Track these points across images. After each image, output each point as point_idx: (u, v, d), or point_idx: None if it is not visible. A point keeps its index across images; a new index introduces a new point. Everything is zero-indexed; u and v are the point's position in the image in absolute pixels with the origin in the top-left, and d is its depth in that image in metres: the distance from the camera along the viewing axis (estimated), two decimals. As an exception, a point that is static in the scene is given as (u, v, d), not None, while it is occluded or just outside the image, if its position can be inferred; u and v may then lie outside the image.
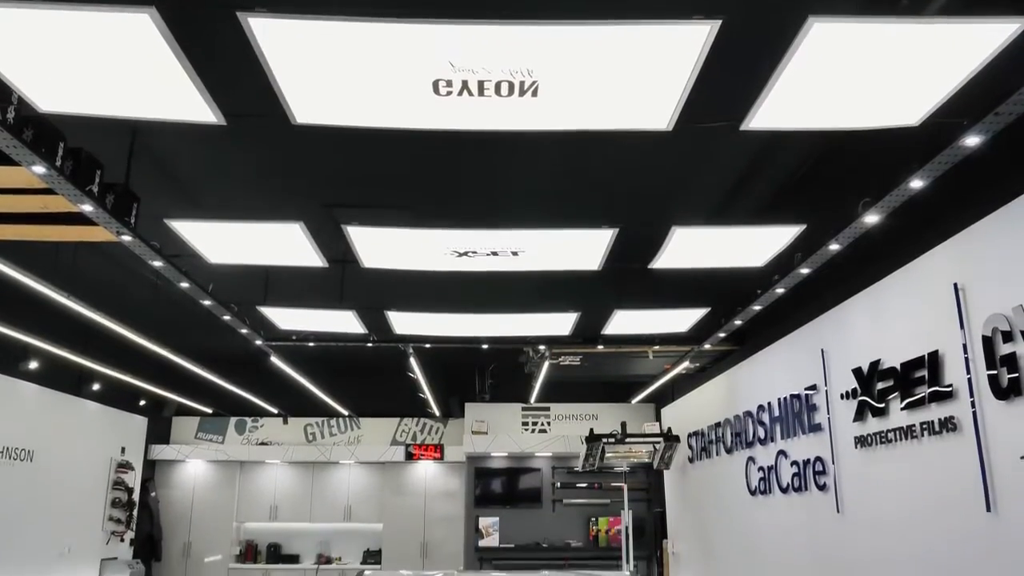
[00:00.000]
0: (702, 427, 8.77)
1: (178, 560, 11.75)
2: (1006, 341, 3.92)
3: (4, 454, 8.09)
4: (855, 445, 5.38)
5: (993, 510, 3.98)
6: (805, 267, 5.14)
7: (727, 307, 6.62)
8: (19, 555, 8.18)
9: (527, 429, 11.82)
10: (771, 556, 6.79)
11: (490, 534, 11.37)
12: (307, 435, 12.59)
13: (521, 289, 6.61)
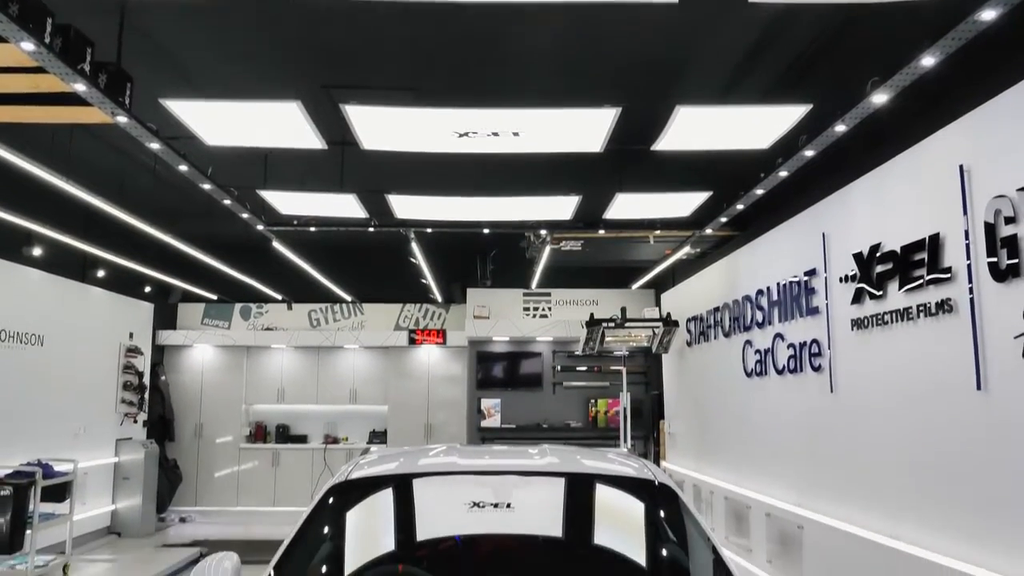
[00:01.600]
0: (701, 312, 8.88)
1: (190, 440, 12.15)
2: (1007, 223, 3.92)
3: (15, 338, 8.23)
4: (851, 328, 5.46)
5: (983, 389, 4.08)
6: (810, 149, 5.08)
7: (729, 191, 6.59)
8: (36, 435, 8.45)
9: (528, 314, 11.98)
10: (765, 435, 7.01)
11: (492, 415, 11.70)
12: (311, 321, 12.78)
13: (522, 172, 6.57)
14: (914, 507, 4.66)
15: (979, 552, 4.03)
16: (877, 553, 4.88)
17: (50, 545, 8.04)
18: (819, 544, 5.74)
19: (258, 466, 12.15)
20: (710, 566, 2.79)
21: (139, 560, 8.72)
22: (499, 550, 2.97)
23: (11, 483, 7.34)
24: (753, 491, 7.09)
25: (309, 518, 2.87)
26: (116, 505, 10.30)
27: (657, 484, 3.07)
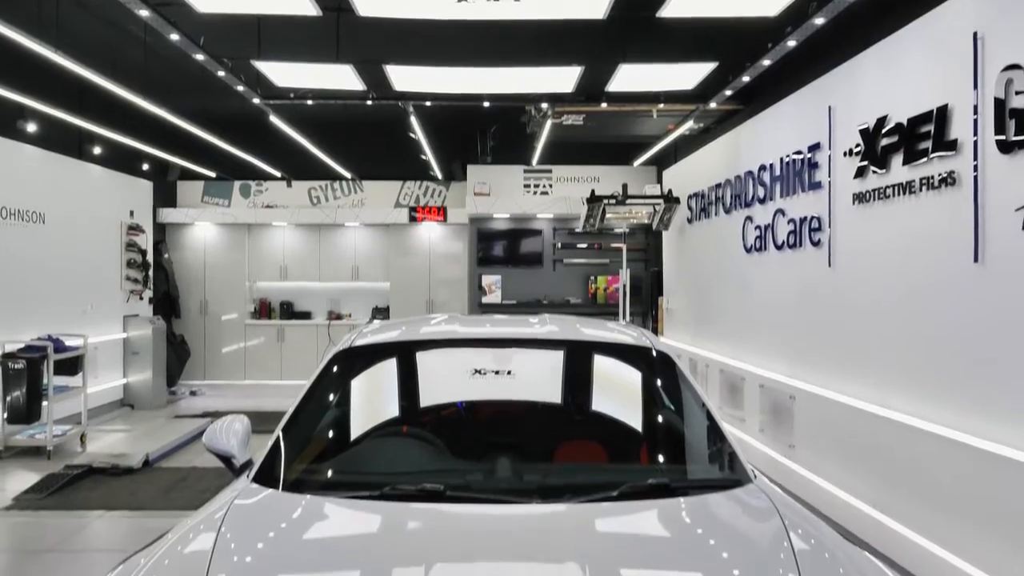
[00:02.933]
0: (702, 188, 8.84)
1: (196, 317, 12.35)
2: (1019, 95, 3.85)
3: (16, 216, 8.23)
4: (853, 202, 5.45)
5: (980, 261, 4.12)
6: (819, 16, 4.93)
7: (735, 62, 6.43)
8: (45, 312, 8.58)
9: (529, 191, 11.94)
10: (761, 309, 7.12)
11: (492, 291, 11.84)
12: (311, 198, 12.75)
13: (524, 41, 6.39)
14: (905, 377, 4.79)
15: (968, 420, 4.18)
16: (866, 421, 5.05)
17: (66, 416, 8.31)
18: (810, 413, 5.94)
19: (264, 342, 12.40)
20: (705, 431, 2.90)
21: (153, 429, 9.03)
22: (500, 416, 3.08)
23: (24, 357, 7.53)
24: (748, 364, 7.26)
25: (314, 384, 2.95)
26: (127, 379, 10.57)
27: (655, 352, 3.14)
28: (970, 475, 4.03)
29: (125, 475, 6.88)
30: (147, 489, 6.48)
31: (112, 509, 5.94)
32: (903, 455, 4.63)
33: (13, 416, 7.49)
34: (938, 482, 4.31)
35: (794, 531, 2.17)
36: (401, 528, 2.22)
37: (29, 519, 5.74)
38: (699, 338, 8.90)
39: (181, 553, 2.09)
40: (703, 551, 2.16)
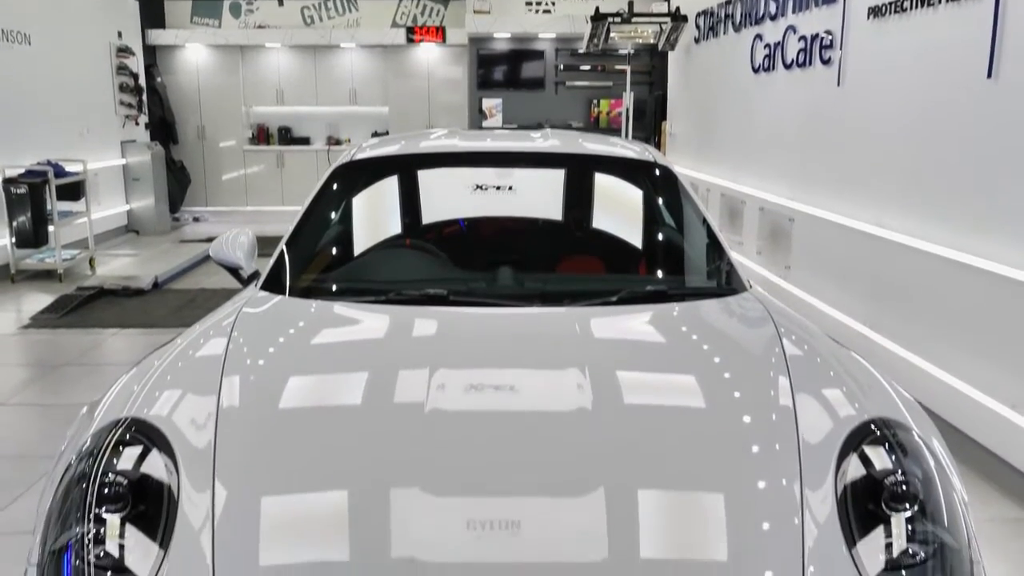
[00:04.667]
0: (711, 5, 8.47)
1: (194, 143, 12.22)
2: None
3: (1, 36, 7.96)
4: (868, 16, 5.24)
5: (993, 77, 4.02)
6: None
7: None
8: (42, 137, 8.47)
9: (531, 9, 11.45)
10: (765, 132, 7.02)
11: (493, 115, 11.63)
12: (304, 18, 12.25)
13: None
14: (909, 198, 4.80)
15: (967, 240, 4.22)
16: (863, 241, 5.11)
17: (73, 241, 8.42)
18: (807, 235, 5.99)
19: (263, 168, 12.33)
20: (704, 244, 2.94)
21: (160, 253, 9.17)
22: (502, 231, 3.11)
23: (26, 182, 7.53)
24: (749, 187, 7.25)
25: (316, 198, 2.97)
26: (130, 205, 10.60)
27: (657, 166, 3.14)
28: (966, 294, 4.13)
29: (136, 296, 7.06)
30: (158, 309, 6.67)
31: (126, 327, 6.14)
32: (898, 275, 4.72)
33: (21, 240, 7.58)
34: (931, 301, 4.42)
35: (787, 337, 2.24)
36: (407, 329, 2.30)
37: (47, 336, 5.96)
38: (701, 162, 8.83)
39: (193, 357, 2.17)
40: (696, 355, 2.25)
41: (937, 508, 1.66)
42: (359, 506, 1.64)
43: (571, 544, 1.54)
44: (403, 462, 1.71)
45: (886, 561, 1.56)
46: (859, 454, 1.74)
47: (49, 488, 1.75)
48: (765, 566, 1.52)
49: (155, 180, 10.61)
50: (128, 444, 1.75)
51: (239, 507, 1.63)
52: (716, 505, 1.67)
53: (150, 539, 1.58)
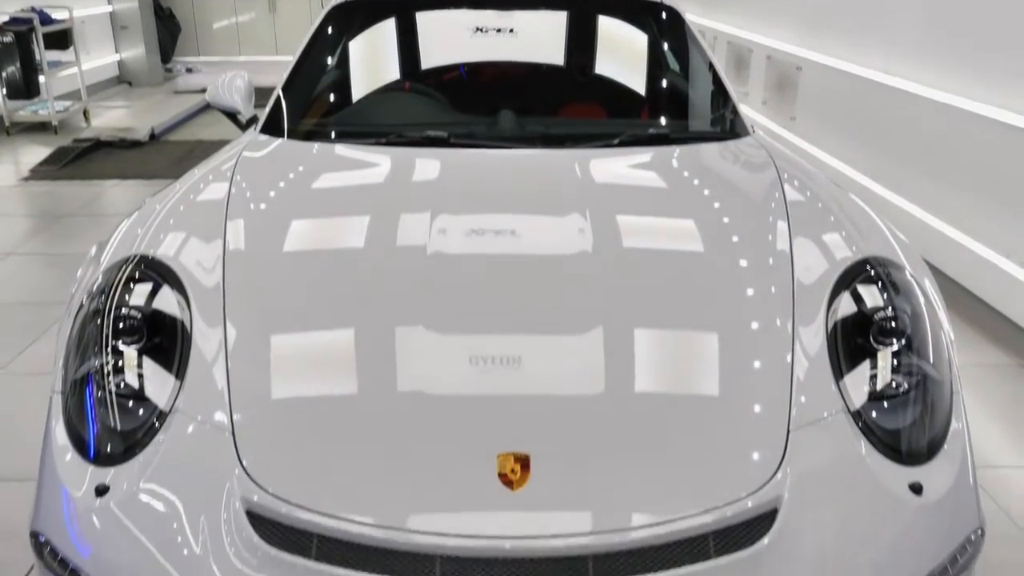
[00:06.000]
0: None
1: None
2: None
3: None
4: None
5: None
6: None
7: None
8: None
9: None
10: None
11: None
12: None
13: None
14: (922, 45, 4.66)
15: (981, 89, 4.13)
16: (871, 91, 5.00)
17: (65, 93, 8.24)
18: (814, 84, 5.86)
19: (255, 15, 11.90)
20: (710, 89, 2.89)
21: (154, 104, 9.00)
22: (503, 75, 3.04)
23: (11, 30, 7.28)
24: (757, 35, 7.03)
25: (312, 41, 2.89)
26: (120, 55, 10.31)
27: (664, 7, 3.04)
28: (969, 143, 4.08)
29: (133, 148, 6.99)
30: (157, 160, 6.62)
31: (126, 178, 6.12)
32: (903, 124, 4.65)
33: (12, 91, 7.42)
34: (934, 151, 4.37)
35: (788, 182, 2.24)
36: (408, 171, 2.30)
37: (48, 188, 5.95)
38: (708, 8, 8.51)
39: (196, 202, 2.17)
40: (697, 198, 2.26)
41: (923, 343, 1.72)
42: (365, 343, 1.70)
43: (569, 378, 1.60)
44: (407, 302, 1.76)
45: (869, 393, 1.63)
46: (851, 292, 1.78)
47: (65, 325, 1.81)
48: (755, 400, 1.59)
49: (144, 28, 10.26)
50: (139, 281, 1.79)
51: (250, 344, 1.68)
52: (710, 343, 1.73)
53: (166, 370, 1.64)
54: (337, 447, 1.48)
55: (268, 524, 1.38)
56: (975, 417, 2.80)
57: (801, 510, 1.41)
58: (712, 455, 1.48)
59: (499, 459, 1.42)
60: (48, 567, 1.50)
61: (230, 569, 1.35)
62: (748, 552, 1.35)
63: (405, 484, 1.41)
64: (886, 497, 1.49)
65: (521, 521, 1.35)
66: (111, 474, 1.51)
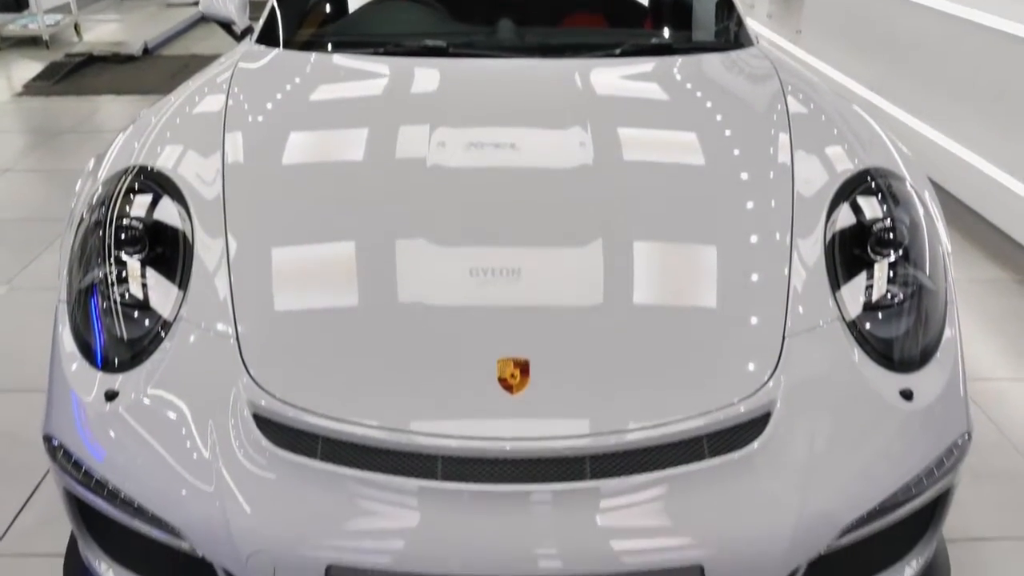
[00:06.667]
0: None
1: None
2: None
3: None
4: None
5: None
6: None
7: None
8: None
9: None
10: None
11: None
12: None
13: None
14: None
15: None
16: (879, 2, 4.88)
17: (55, 7, 8.05)
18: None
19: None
20: (714, 1, 2.82)
21: (147, 18, 8.79)
22: None
23: (-4, -61, 7.08)
24: (766, -56, 6.83)
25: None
26: (109, -34, 10.03)
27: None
28: (975, 56, 4.01)
29: (127, 62, 6.87)
30: (151, 75, 6.52)
31: (121, 93, 6.04)
32: (910, 37, 4.56)
33: (0, 4, 7.25)
34: (939, 64, 4.30)
35: (791, 94, 2.21)
36: (407, 82, 2.28)
37: (42, 103, 5.87)
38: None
39: (192, 114, 2.15)
40: (698, 110, 2.24)
41: (920, 254, 1.73)
42: (366, 255, 1.71)
43: (568, 289, 1.62)
44: (407, 214, 1.76)
45: (865, 303, 1.65)
46: (851, 203, 1.79)
47: (67, 238, 1.81)
48: (751, 309, 1.61)
49: (133, -63, 9.96)
50: (139, 192, 1.79)
51: (252, 255, 1.69)
52: (708, 255, 1.74)
53: (169, 280, 1.66)
54: (340, 354, 1.51)
55: (275, 427, 1.42)
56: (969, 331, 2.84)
57: (793, 415, 1.45)
58: (708, 362, 1.51)
59: (499, 364, 1.45)
60: (63, 468, 1.55)
61: (240, 470, 1.40)
62: (739, 454, 1.39)
63: (407, 388, 1.45)
64: (877, 403, 1.53)
65: (520, 423, 1.39)
66: (119, 380, 1.54)
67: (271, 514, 1.37)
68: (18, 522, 2.17)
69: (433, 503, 1.34)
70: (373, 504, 1.35)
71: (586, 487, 1.35)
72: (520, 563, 1.32)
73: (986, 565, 2.09)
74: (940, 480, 1.56)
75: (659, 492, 1.36)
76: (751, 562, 1.37)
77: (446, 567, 1.32)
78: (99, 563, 1.67)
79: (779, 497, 1.39)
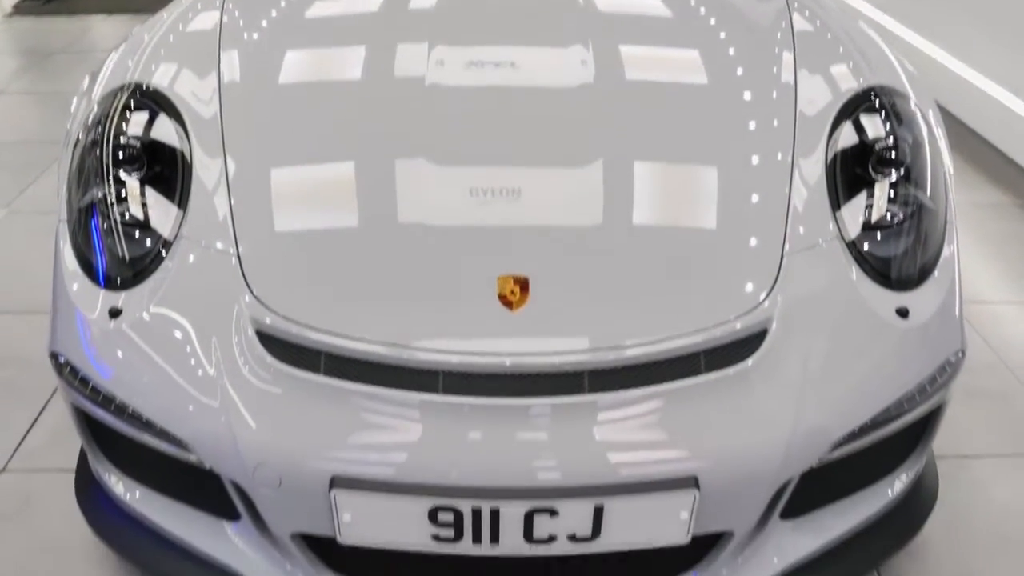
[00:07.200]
0: None
1: None
2: None
3: None
4: None
5: None
6: None
7: None
8: None
9: None
10: None
11: None
12: None
13: None
14: None
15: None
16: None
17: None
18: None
19: None
20: None
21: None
22: None
23: None
24: None
25: None
26: None
27: None
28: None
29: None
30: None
31: (112, 13, 5.92)
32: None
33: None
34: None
35: (797, 11, 2.17)
36: None
37: (33, 24, 5.76)
38: None
39: (186, 32, 2.11)
40: (702, 29, 2.19)
41: (921, 173, 1.72)
42: (365, 175, 1.71)
43: (569, 208, 1.62)
44: (406, 133, 1.75)
45: (864, 223, 1.65)
46: (853, 121, 1.77)
47: (65, 158, 1.80)
48: (750, 228, 1.61)
49: None
50: (135, 110, 1.77)
51: (251, 174, 1.69)
52: (709, 175, 1.74)
53: (168, 200, 1.66)
54: (340, 272, 1.52)
55: (278, 344, 1.43)
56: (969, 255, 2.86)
57: (789, 332, 1.47)
58: (706, 280, 1.52)
59: (499, 281, 1.46)
60: (69, 384, 1.58)
61: (244, 385, 1.42)
62: (735, 369, 1.41)
63: (408, 305, 1.46)
64: (873, 320, 1.55)
65: (520, 339, 1.41)
66: (122, 298, 1.56)
67: (276, 427, 1.40)
68: (28, 439, 2.22)
69: (434, 416, 1.37)
70: (376, 417, 1.38)
71: (584, 401, 1.37)
72: (519, 474, 1.35)
73: (973, 481, 2.14)
74: (932, 396, 1.59)
75: (655, 406, 1.39)
76: (744, 474, 1.41)
77: (447, 478, 1.36)
78: (109, 476, 1.71)
79: (773, 411, 1.42)
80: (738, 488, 1.43)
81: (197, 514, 1.63)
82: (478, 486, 1.36)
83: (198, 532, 1.63)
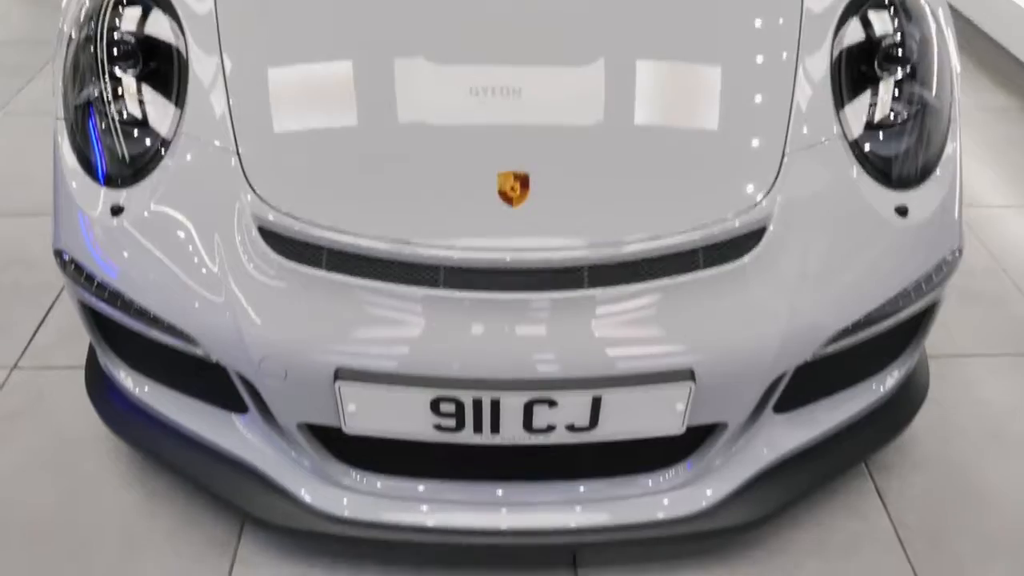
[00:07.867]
0: None
1: None
2: None
3: None
4: None
5: None
6: None
7: None
8: None
9: None
10: None
11: None
12: None
13: None
14: None
15: None
16: None
17: None
18: None
19: None
20: None
21: None
22: None
23: None
24: None
25: None
26: None
27: None
28: None
29: None
30: None
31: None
32: None
33: None
34: None
35: None
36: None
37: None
38: None
39: None
40: None
41: (928, 71, 1.70)
42: (365, 75, 1.68)
43: (569, 107, 1.61)
44: (406, 32, 1.72)
45: (867, 122, 1.64)
46: (861, 17, 1.74)
47: (59, 57, 1.77)
48: (752, 127, 1.60)
49: None
50: (127, 4, 1.73)
51: (248, 72, 1.66)
52: (712, 74, 1.71)
53: (165, 98, 1.64)
54: (341, 169, 1.52)
55: (280, 240, 1.45)
56: (971, 158, 2.84)
57: (788, 229, 1.47)
58: (707, 177, 1.52)
59: (499, 177, 1.46)
60: (75, 281, 1.60)
61: (248, 280, 1.44)
62: (733, 265, 1.43)
63: (408, 201, 1.47)
64: (871, 218, 1.55)
65: (520, 235, 1.42)
66: (124, 195, 1.56)
67: (280, 321, 1.42)
68: (37, 338, 2.26)
69: (436, 310, 1.40)
70: (378, 311, 1.41)
71: (583, 295, 1.39)
72: (519, 366, 1.39)
73: (964, 380, 2.18)
74: (928, 294, 1.61)
75: (653, 300, 1.41)
76: (739, 366, 1.44)
77: (448, 370, 1.39)
78: (118, 371, 1.76)
79: (769, 307, 1.44)
80: (733, 381, 1.47)
81: (205, 406, 1.68)
82: (479, 378, 1.39)
83: (206, 424, 1.68)
